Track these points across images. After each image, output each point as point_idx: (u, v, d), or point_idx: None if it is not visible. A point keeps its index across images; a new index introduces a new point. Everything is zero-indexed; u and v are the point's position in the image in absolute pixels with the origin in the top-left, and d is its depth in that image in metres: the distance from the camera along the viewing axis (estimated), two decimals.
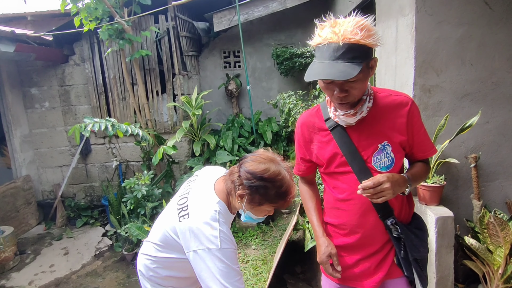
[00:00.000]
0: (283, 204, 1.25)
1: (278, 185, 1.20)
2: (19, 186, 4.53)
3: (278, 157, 1.30)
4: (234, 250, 1.22)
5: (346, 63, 1.05)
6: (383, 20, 2.82)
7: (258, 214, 1.29)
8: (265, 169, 1.20)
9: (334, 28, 1.08)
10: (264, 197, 1.21)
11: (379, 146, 1.25)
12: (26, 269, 3.64)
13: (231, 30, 5.32)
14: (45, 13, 5.77)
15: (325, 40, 1.08)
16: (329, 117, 1.29)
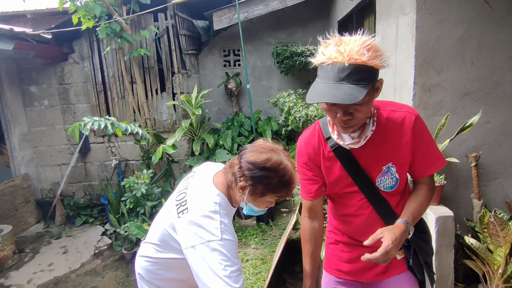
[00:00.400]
0: (286, 193, 1.22)
1: (281, 174, 1.18)
2: (17, 185, 4.52)
3: (279, 146, 1.27)
4: (235, 243, 1.17)
5: (352, 85, 1.00)
6: (384, 18, 2.81)
7: (260, 205, 1.27)
8: (267, 159, 1.18)
9: (339, 47, 1.02)
10: (267, 187, 1.19)
11: (384, 168, 1.23)
12: (25, 268, 3.64)
13: (231, 28, 5.30)
14: (44, 11, 5.75)
15: (330, 59, 1.02)
16: (330, 136, 1.24)
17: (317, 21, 5.36)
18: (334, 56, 1.01)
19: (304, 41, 5.28)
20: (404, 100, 2.44)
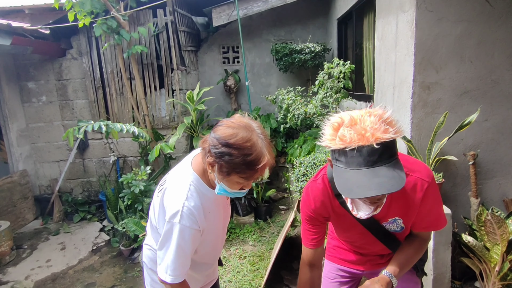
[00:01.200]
0: (252, 175, 1.10)
1: (245, 153, 1.05)
2: (15, 181, 4.51)
3: (255, 123, 1.14)
4: (191, 229, 1.13)
5: (388, 166, 0.93)
6: (383, 16, 2.81)
7: (231, 186, 1.14)
8: (231, 134, 1.07)
9: (357, 128, 0.94)
10: (230, 165, 1.07)
11: (390, 220, 1.25)
12: (23, 264, 3.63)
13: (230, 25, 5.28)
14: (42, 6, 5.71)
15: (352, 143, 0.93)
16: (339, 193, 1.21)
17: (316, 19, 5.35)
18: (356, 139, 0.92)
19: (303, 38, 5.27)
20: (403, 98, 2.44)
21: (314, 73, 4.82)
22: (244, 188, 1.18)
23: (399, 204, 1.19)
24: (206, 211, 1.19)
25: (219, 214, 1.31)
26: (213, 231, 1.28)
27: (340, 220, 1.29)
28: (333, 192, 1.22)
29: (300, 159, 2.81)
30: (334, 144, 0.97)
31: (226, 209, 1.40)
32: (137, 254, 3.61)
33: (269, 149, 1.12)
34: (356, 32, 3.85)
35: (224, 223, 1.40)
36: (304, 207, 1.30)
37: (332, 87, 3.51)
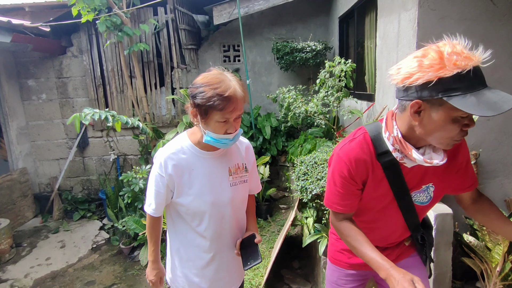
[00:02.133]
0: (226, 105, 1.17)
1: (215, 87, 1.17)
2: (15, 179, 4.50)
3: (229, 74, 1.25)
4: (157, 172, 1.31)
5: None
6: (385, 14, 2.79)
7: (216, 129, 1.23)
8: (202, 77, 1.22)
9: (461, 50, 0.92)
10: (204, 101, 1.17)
11: (423, 187, 1.20)
12: (22, 262, 3.63)
13: (231, 23, 5.26)
14: (43, 4, 5.69)
15: (467, 66, 0.90)
16: (383, 152, 1.13)
17: (317, 17, 5.33)
18: (467, 62, 0.90)
19: (304, 37, 5.25)
20: None
21: (315, 71, 4.80)
22: (229, 132, 1.24)
23: (436, 166, 1.11)
24: (186, 167, 1.31)
25: (212, 178, 1.35)
26: (196, 191, 1.33)
27: (375, 187, 1.18)
28: (375, 152, 1.14)
29: (301, 158, 2.80)
30: (446, 72, 0.90)
31: (226, 182, 1.38)
32: (137, 253, 3.60)
33: (239, 84, 1.23)
34: (358, 30, 3.84)
35: (228, 196, 1.37)
36: (341, 168, 1.16)
37: (333, 86, 3.49)
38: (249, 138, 4.84)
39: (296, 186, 2.52)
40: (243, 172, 1.43)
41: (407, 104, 1.01)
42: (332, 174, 1.21)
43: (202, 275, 1.43)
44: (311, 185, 2.35)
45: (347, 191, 1.19)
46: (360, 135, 1.17)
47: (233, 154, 1.42)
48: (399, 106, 1.07)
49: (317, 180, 2.35)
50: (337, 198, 1.21)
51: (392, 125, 1.09)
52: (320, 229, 2.50)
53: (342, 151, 1.17)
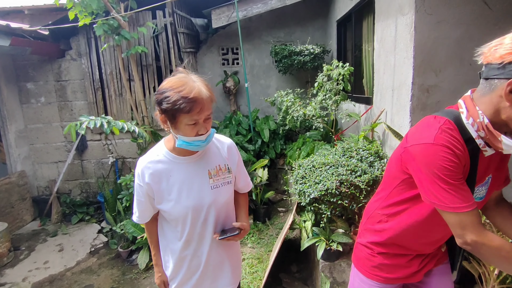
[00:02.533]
0: (192, 106, 1.16)
1: (178, 90, 1.16)
2: (14, 182, 4.50)
3: (196, 77, 1.25)
4: (137, 183, 1.36)
5: None
6: (382, 19, 2.81)
7: (187, 132, 1.22)
8: (168, 81, 1.22)
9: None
10: (171, 106, 1.16)
11: (486, 178, 1.13)
12: (20, 266, 3.62)
13: (230, 26, 5.28)
14: (42, 7, 5.70)
15: None
16: (468, 139, 1.03)
17: (316, 20, 5.35)
18: None
19: (302, 40, 5.27)
20: (402, 101, 2.43)
21: (313, 75, 4.82)
22: (200, 134, 1.24)
23: (498, 153, 1.06)
24: (163, 174, 1.33)
25: (191, 182, 1.34)
26: (175, 196, 1.33)
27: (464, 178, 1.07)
28: (463, 139, 1.03)
29: (299, 161, 2.80)
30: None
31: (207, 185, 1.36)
32: (135, 256, 3.59)
33: (204, 85, 1.23)
34: (356, 34, 3.85)
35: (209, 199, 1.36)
36: (447, 159, 0.99)
37: (331, 89, 3.51)
38: (247, 141, 4.84)
39: (294, 190, 2.52)
40: (226, 173, 1.41)
41: (499, 84, 0.94)
42: (434, 169, 1.00)
43: (188, 278, 1.44)
44: (309, 188, 2.35)
45: (462, 182, 1.00)
46: (445, 122, 1.05)
47: (212, 156, 1.40)
48: (483, 88, 1.01)
49: (315, 184, 2.35)
50: (458, 197, 0.99)
51: (475, 111, 1.01)
52: (318, 232, 2.50)
53: (438, 140, 1.00)
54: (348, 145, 2.71)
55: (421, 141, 1.04)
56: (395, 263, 1.29)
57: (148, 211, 1.41)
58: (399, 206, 1.21)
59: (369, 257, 1.33)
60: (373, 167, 2.38)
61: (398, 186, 1.20)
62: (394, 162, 1.20)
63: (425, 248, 1.25)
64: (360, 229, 1.42)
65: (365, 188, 2.21)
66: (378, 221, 1.30)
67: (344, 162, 2.44)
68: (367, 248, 1.34)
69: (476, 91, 1.05)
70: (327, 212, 2.28)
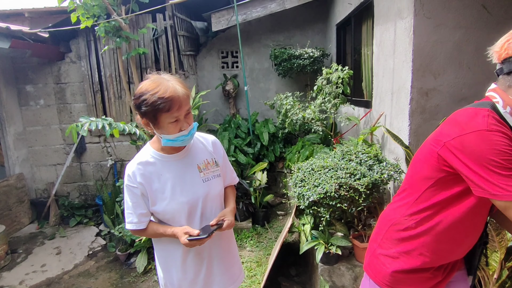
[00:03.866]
0: (171, 105, 1.19)
1: (154, 92, 1.19)
2: (12, 184, 4.48)
3: (169, 76, 1.27)
4: (128, 186, 1.33)
5: None
6: (381, 22, 2.82)
7: (170, 130, 1.26)
8: (142, 86, 1.23)
9: None
10: (150, 108, 1.19)
11: None
12: (17, 269, 3.59)
13: (229, 30, 5.30)
14: (42, 10, 5.73)
15: None
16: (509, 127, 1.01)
17: (315, 24, 5.37)
18: None
19: (302, 43, 5.29)
20: (401, 104, 2.44)
21: (312, 78, 4.83)
22: (183, 129, 1.27)
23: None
24: (154, 174, 1.34)
25: (182, 178, 1.36)
26: (169, 193, 1.34)
27: None
28: (507, 127, 1.00)
29: (298, 164, 2.80)
30: None
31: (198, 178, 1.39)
32: (133, 259, 3.57)
33: (178, 82, 1.25)
34: (355, 38, 3.87)
35: (203, 191, 1.38)
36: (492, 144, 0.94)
37: (331, 93, 3.51)
38: (247, 144, 4.84)
39: (293, 193, 2.51)
40: (214, 166, 1.45)
41: None
42: (491, 156, 0.94)
43: (197, 276, 1.44)
44: (308, 192, 2.34)
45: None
46: (486, 111, 1.00)
47: (198, 151, 1.44)
48: (505, 82, 1.03)
49: (314, 187, 2.35)
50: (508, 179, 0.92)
51: (510, 99, 1.00)
52: (317, 236, 2.49)
53: (485, 125, 0.95)
54: (347, 148, 2.71)
55: (471, 130, 0.97)
56: (420, 274, 1.18)
57: (147, 213, 1.37)
58: (431, 209, 1.13)
59: (391, 269, 1.21)
60: (372, 171, 2.38)
61: (430, 188, 1.13)
62: (425, 162, 1.14)
63: (457, 254, 1.17)
64: (377, 238, 1.30)
65: (364, 192, 2.20)
66: (404, 229, 1.19)
67: (343, 165, 2.43)
68: (390, 258, 1.22)
69: (500, 86, 1.05)
70: (326, 216, 2.28)
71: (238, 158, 4.55)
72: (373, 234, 1.34)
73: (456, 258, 1.20)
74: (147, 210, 1.36)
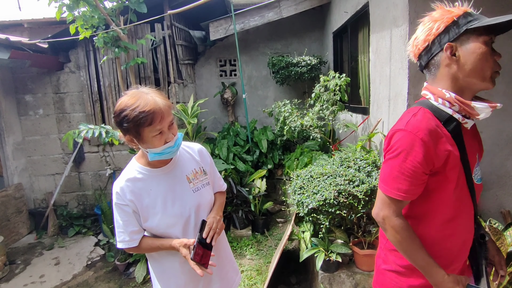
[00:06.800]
0: (153, 118, 1.18)
1: (133, 107, 1.17)
2: (10, 195, 4.46)
3: (147, 89, 1.26)
4: (117, 204, 1.30)
5: None
6: (377, 30, 2.85)
7: (155, 143, 1.23)
8: (121, 102, 1.21)
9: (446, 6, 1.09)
10: (132, 124, 1.17)
11: (476, 157, 1.14)
12: (16, 280, 3.56)
13: (227, 39, 5.35)
14: (41, 20, 5.77)
15: (466, 7, 1.06)
16: (447, 119, 1.05)
17: (312, 32, 5.43)
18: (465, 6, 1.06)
19: (299, 51, 5.34)
20: (398, 110, 2.45)
21: (310, 85, 4.86)
22: (168, 140, 1.25)
23: (476, 131, 1.17)
24: (144, 190, 1.31)
25: (173, 190, 1.35)
26: (161, 208, 1.32)
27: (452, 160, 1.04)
28: (440, 122, 1.05)
29: (297, 172, 2.80)
30: (456, 13, 1.03)
31: (188, 189, 1.38)
32: (132, 269, 3.55)
33: (157, 94, 1.24)
34: (352, 45, 3.91)
35: (194, 202, 1.37)
36: (408, 146, 1.03)
37: (329, 100, 3.54)
38: (245, 152, 4.84)
39: (293, 200, 2.52)
40: (203, 175, 1.45)
41: (438, 58, 1.06)
42: (399, 153, 1.04)
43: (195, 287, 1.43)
44: (307, 199, 2.35)
45: (417, 174, 1.03)
46: (419, 110, 1.08)
47: (186, 162, 1.43)
48: (430, 75, 1.12)
49: (313, 194, 2.35)
50: (403, 182, 1.04)
51: (438, 91, 1.08)
52: (317, 243, 2.48)
53: (411, 126, 1.03)
54: (345, 155, 2.72)
55: (397, 127, 1.09)
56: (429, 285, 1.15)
57: (139, 230, 1.33)
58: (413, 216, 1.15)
59: (399, 284, 1.18)
60: (371, 177, 2.38)
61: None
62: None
63: (457, 253, 1.15)
64: (381, 253, 1.27)
65: (363, 198, 2.21)
66: None
67: (342, 172, 2.44)
68: (395, 274, 1.19)
69: (428, 81, 1.14)
70: (325, 223, 2.28)
71: (237, 165, 4.55)
72: (378, 249, 1.32)
73: (460, 259, 1.16)
74: (138, 227, 1.33)
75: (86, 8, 3.66)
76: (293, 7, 4.78)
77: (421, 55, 1.11)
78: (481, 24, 0.98)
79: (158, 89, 1.29)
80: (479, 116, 1.05)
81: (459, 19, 1.02)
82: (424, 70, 1.14)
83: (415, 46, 1.11)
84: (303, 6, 4.78)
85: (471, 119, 1.08)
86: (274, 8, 4.79)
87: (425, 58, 1.10)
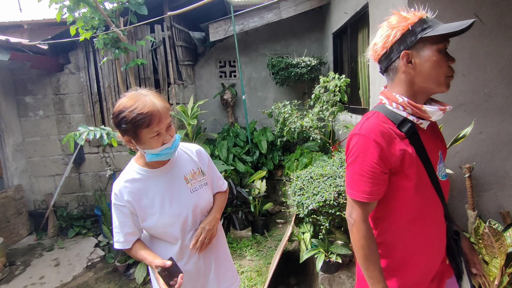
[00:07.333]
0: (150, 120, 1.19)
1: (132, 109, 1.18)
2: (10, 196, 4.46)
3: (146, 91, 1.27)
4: (115, 204, 1.33)
5: None
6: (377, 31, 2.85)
7: (153, 145, 1.24)
8: (120, 104, 1.22)
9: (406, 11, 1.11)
10: (130, 125, 1.19)
11: (439, 154, 1.18)
12: (15, 281, 3.56)
13: (227, 40, 5.36)
14: (41, 21, 5.78)
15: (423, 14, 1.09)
16: (401, 121, 1.10)
17: (312, 33, 5.44)
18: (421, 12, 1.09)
19: (299, 52, 5.34)
20: None
21: (310, 86, 4.87)
22: (165, 142, 1.26)
23: (438, 130, 1.24)
24: (142, 190, 1.33)
25: (170, 191, 1.36)
26: (159, 208, 1.33)
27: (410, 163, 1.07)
28: (394, 124, 1.10)
29: (297, 173, 2.81)
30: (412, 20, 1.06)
31: (186, 190, 1.39)
32: (132, 270, 3.55)
33: (156, 96, 1.25)
34: (351, 46, 3.91)
35: (192, 202, 1.38)
36: (366, 151, 1.07)
37: (328, 101, 3.54)
38: (245, 153, 4.85)
39: (293, 201, 2.52)
40: (200, 176, 1.45)
41: (396, 64, 1.10)
42: (357, 156, 1.09)
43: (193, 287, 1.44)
44: (307, 200, 2.35)
45: (376, 174, 1.07)
46: (373, 114, 1.13)
47: (184, 162, 1.44)
48: (389, 79, 1.15)
49: (313, 195, 2.35)
50: (365, 184, 1.08)
51: (393, 96, 1.12)
52: (317, 244, 2.48)
53: (364, 129, 1.08)
54: (345, 156, 2.72)
55: (354, 131, 1.14)
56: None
57: (134, 232, 1.36)
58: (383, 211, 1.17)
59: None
60: None
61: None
62: None
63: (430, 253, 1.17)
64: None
65: None
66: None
67: (342, 173, 2.44)
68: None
69: (387, 84, 1.18)
70: (325, 224, 2.28)
71: (237, 166, 4.55)
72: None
73: (433, 260, 1.18)
74: (134, 229, 1.35)
75: (86, 10, 3.67)
76: (292, 8, 4.79)
77: (381, 60, 1.14)
78: (435, 33, 1.01)
79: (158, 91, 1.32)
80: (431, 118, 1.10)
81: (415, 27, 1.04)
82: (384, 74, 1.17)
83: (375, 51, 1.14)
84: (303, 7, 4.79)
85: (426, 120, 1.12)
86: (273, 9, 4.80)
87: (385, 63, 1.13)
